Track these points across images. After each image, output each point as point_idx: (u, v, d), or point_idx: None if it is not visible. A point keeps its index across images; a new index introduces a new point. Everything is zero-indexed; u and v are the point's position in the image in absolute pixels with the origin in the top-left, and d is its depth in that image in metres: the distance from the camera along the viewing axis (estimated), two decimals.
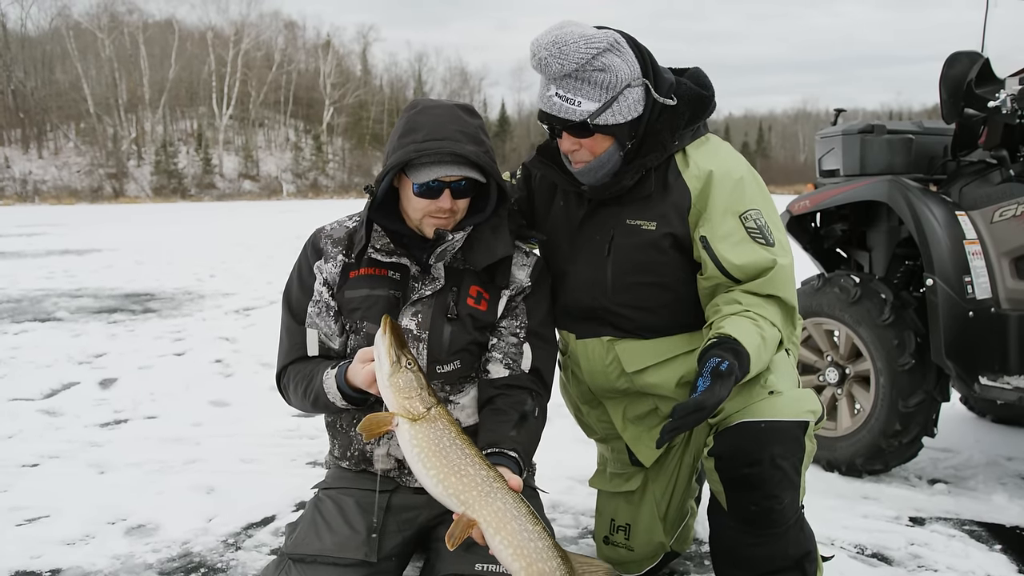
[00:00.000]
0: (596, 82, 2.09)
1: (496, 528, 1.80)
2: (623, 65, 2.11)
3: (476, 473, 1.84)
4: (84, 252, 16.61)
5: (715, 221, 2.15)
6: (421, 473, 1.84)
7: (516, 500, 1.82)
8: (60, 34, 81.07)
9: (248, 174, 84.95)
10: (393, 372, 1.85)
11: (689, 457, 2.47)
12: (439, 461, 1.83)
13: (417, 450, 1.84)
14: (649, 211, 2.22)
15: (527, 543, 1.79)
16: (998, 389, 3.21)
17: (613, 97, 2.10)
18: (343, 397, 2.03)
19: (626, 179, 2.20)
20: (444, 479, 1.82)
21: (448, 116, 2.06)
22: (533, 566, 1.79)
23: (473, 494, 1.82)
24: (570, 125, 2.13)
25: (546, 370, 2.24)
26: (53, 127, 78.68)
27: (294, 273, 2.25)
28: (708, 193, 2.17)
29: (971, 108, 3.42)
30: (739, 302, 2.08)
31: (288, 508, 3.26)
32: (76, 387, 5.32)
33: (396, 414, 1.85)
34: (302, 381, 2.13)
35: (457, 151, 2.00)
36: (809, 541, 2.14)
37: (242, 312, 8.67)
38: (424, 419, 1.85)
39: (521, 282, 2.22)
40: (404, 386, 1.85)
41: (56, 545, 2.92)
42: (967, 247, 3.27)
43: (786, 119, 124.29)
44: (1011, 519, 3.16)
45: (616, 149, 2.19)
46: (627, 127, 2.16)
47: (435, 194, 2.05)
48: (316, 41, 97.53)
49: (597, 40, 2.07)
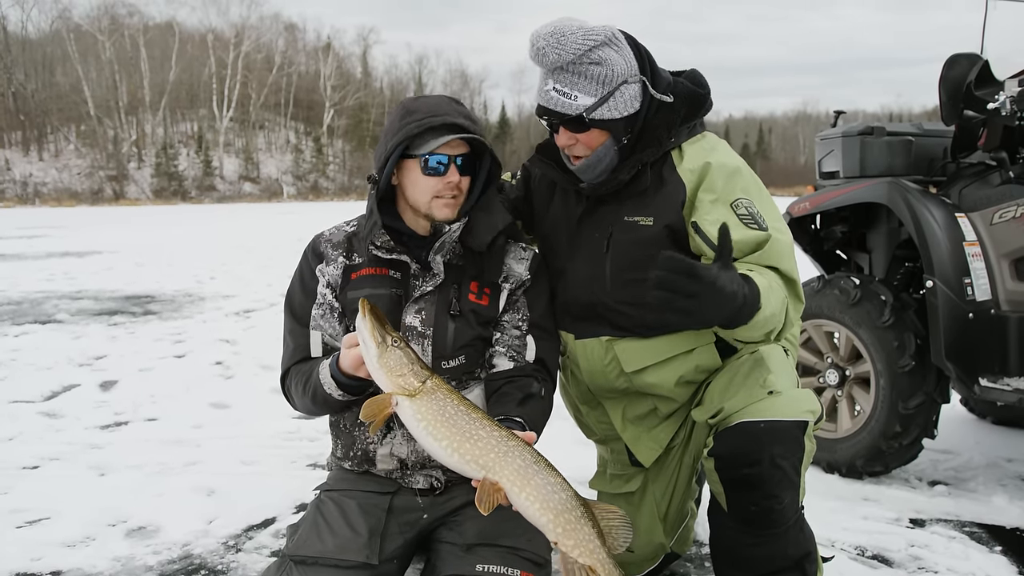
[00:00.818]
0: (592, 76, 2.11)
1: (520, 486, 1.81)
2: (620, 60, 2.14)
3: (489, 435, 1.84)
4: (84, 254, 16.62)
5: (705, 207, 2.15)
6: (433, 447, 1.84)
7: (534, 455, 1.84)
8: (61, 36, 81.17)
9: (248, 176, 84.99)
10: (381, 353, 1.85)
11: (689, 458, 2.47)
12: (448, 431, 1.83)
13: (424, 424, 1.84)
14: (646, 207, 2.24)
15: (552, 495, 1.81)
16: (998, 391, 3.21)
17: (610, 92, 2.13)
18: (339, 386, 2.02)
19: (622, 174, 2.22)
20: (458, 447, 1.82)
21: (441, 99, 2.20)
22: (560, 516, 1.81)
23: (491, 456, 1.82)
24: (567, 119, 2.16)
25: (550, 361, 2.27)
26: (54, 129, 78.74)
27: (296, 278, 2.27)
28: (698, 184, 2.18)
29: (970, 110, 3.42)
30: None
31: (289, 510, 3.26)
32: (76, 389, 5.32)
33: (393, 393, 1.85)
34: (302, 379, 2.14)
35: (458, 123, 2.09)
36: (809, 542, 2.14)
37: (242, 314, 8.67)
38: (422, 392, 1.85)
39: (520, 275, 2.26)
40: (395, 364, 1.85)
41: (56, 547, 2.92)
42: (967, 249, 3.27)
43: (786, 121, 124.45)
44: (1011, 521, 3.16)
45: (612, 144, 2.20)
46: (623, 122, 2.18)
47: (442, 171, 2.11)
48: (316, 43, 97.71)
49: (595, 33, 2.10)
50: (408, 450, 2.15)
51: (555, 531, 1.82)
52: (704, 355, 2.30)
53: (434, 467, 2.17)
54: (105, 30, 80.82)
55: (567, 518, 1.80)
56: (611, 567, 1.84)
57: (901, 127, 3.92)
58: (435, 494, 2.19)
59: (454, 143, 2.10)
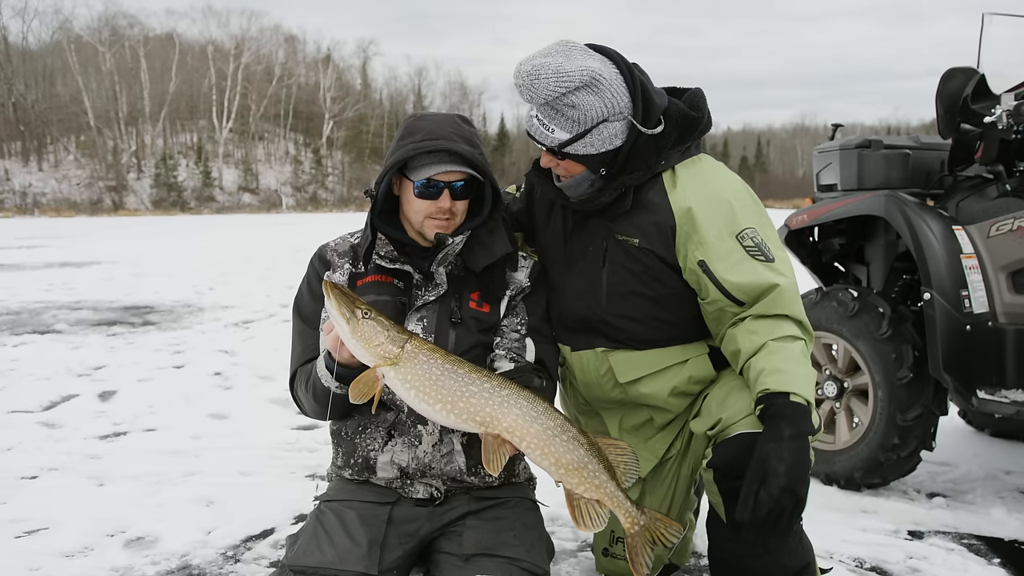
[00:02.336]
0: (567, 116, 2.12)
1: (521, 435, 1.82)
2: (596, 103, 2.11)
3: (480, 388, 1.83)
4: (83, 264, 16.62)
5: (711, 244, 2.16)
6: (426, 411, 1.85)
7: (531, 400, 1.85)
8: (61, 47, 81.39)
9: (248, 187, 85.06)
10: (353, 327, 1.83)
11: (687, 469, 2.48)
12: (440, 392, 1.83)
13: (413, 390, 1.83)
14: (633, 228, 2.25)
15: (553, 439, 1.83)
16: (996, 403, 3.21)
17: (585, 131, 2.13)
18: (333, 376, 2.02)
19: (605, 196, 2.23)
20: (452, 407, 1.83)
21: (445, 120, 2.19)
22: (562, 459, 1.82)
23: (487, 410, 1.82)
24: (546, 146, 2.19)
25: (550, 362, 2.30)
26: (53, 140, 78.82)
27: (303, 284, 2.32)
28: (696, 217, 2.19)
29: (967, 123, 3.44)
30: (755, 332, 2.08)
31: (287, 520, 3.26)
32: (75, 399, 5.32)
33: (377, 367, 1.84)
34: (305, 376, 2.19)
35: (454, 149, 2.09)
36: (807, 553, 2.14)
37: (241, 325, 8.67)
38: (403, 358, 1.83)
39: (520, 282, 2.30)
40: (369, 335, 1.83)
41: (55, 557, 2.91)
42: (964, 261, 3.29)
43: (784, 134, 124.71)
44: (1009, 533, 3.16)
45: (589, 174, 2.22)
46: (599, 157, 2.19)
47: (435, 194, 2.13)
48: (316, 55, 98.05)
49: (569, 78, 2.06)
50: (409, 457, 2.16)
51: (558, 472, 1.83)
52: (698, 366, 2.32)
53: (434, 476, 2.18)
54: (106, 41, 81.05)
55: (569, 459, 1.81)
56: (619, 498, 1.84)
57: (898, 140, 3.94)
58: (435, 504, 2.20)
59: (447, 168, 2.12)
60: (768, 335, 2.07)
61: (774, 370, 1.99)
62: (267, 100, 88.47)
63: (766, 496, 1.83)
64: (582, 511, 1.84)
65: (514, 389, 1.85)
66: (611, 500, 1.85)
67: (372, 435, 2.19)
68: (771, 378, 1.98)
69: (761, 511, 1.83)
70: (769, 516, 1.83)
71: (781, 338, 2.06)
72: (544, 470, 1.85)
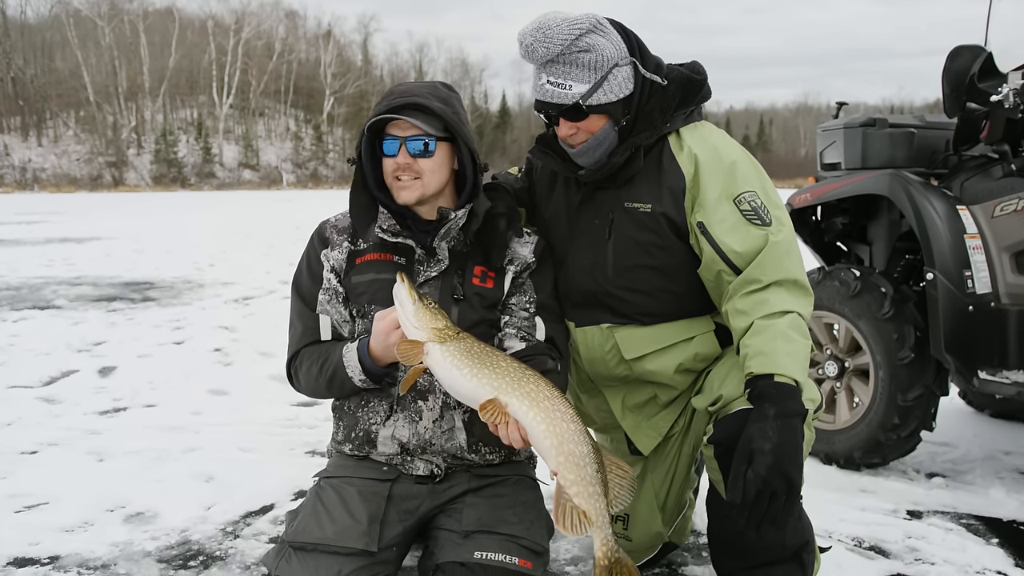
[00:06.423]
0: (583, 63, 2.11)
1: (529, 405, 1.84)
2: (608, 44, 2.14)
3: (509, 365, 1.90)
4: (83, 240, 16.61)
5: (710, 207, 2.16)
6: (454, 377, 1.89)
7: (549, 384, 1.88)
8: (60, 22, 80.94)
9: (248, 163, 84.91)
10: (419, 308, 1.92)
11: (688, 446, 2.48)
12: (472, 361, 1.89)
13: (451, 360, 1.90)
14: (645, 193, 2.24)
15: (560, 422, 1.83)
16: (997, 384, 3.21)
17: (603, 76, 2.13)
18: (363, 371, 2.09)
19: (616, 157, 2.22)
20: (477, 372, 1.87)
21: (424, 84, 2.23)
22: (564, 445, 1.81)
23: (505, 379, 1.87)
24: (564, 109, 2.16)
25: (560, 340, 2.29)
26: (53, 115, 78.57)
27: (303, 262, 2.31)
28: (700, 178, 2.19)
29: (973, 102, 3.41)
30: (744, 312, 2.06)
31: (287, 497, 3.26)
32: (75, 375, 5.32)
33: (428, 340, 1.91)
34: (317, 360, 2.17)
35: (422, 103, 2.10)
36: (807, 532, 2.15)
37: (241, 301, 8.67)
38: (453, 339, 1.92)
39: (525, 258, 2.28)
40: (433, 314, 1.94)
41: (55, 532, 2.92)
42: (968, 241, 3.27)
43: (787, 112, 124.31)
44: (1008, 513, 3.17)
45: (611, 127, 2.20)
46: (620, 105, 2.19)
47: (394, 151, 2.14)
48: (317, 31, 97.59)
49: (579, 22, 2.11)
50: (409, 433, 2.16)
51: (557, 459, 1.81)
52: (704, 343, 2.31)
53: (434, 453, 2.18)
54: (105, 15, 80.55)
55: (571, 449, 1.80)
56: (604, 522, 1.81)
57: (903, 119, 3.90)
58: (435, 482, 2.20)
59: (403, 125, 2.11)
60: (756, 313, 2.04)
61: (757, 352, 1.97)
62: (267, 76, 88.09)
63: (754, 476, 1.81)
64: (566, 513, 1.81)
65: (538, 376, 1.90)
66: (597, 518, 1.80)
67: (375, 409, 2.18)
68: (755, 361, 1.96)
69: (750, 492, 1.81)
70: (760, 497, 1.81)
71: (768, 315, 2.03)
72: (544, 454, 1.83)
